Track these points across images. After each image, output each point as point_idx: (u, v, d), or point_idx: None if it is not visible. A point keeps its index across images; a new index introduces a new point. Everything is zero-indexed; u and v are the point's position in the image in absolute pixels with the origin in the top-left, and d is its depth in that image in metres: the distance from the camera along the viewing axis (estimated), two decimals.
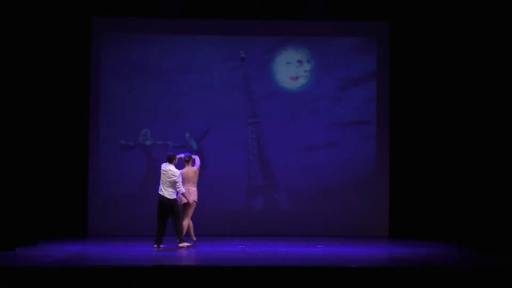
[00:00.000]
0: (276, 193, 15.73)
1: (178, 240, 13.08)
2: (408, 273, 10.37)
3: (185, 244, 13.10)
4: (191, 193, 13.31)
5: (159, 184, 13.04)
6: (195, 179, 13.44)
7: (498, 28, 13.82)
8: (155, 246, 13.05)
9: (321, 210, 15.52)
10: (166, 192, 12.99)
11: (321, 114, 15.69)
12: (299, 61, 15.84)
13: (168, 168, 13.02)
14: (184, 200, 13.24)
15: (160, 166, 13.10)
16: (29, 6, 13.92)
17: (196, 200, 13.40)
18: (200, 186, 14.26)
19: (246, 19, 15.64)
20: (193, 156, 13.55)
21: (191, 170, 13.39)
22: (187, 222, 13.32)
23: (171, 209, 12.99)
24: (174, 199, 13.01)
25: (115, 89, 15.50)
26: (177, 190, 13.02)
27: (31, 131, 13.99)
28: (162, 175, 13.05)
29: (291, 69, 15.81)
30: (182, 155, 13.44)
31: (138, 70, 15.54)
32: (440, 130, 15.38)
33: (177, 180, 12.96)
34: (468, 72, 14.41)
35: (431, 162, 15.44)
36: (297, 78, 15.82)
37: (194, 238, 13.55)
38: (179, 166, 13.26)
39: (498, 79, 13.83)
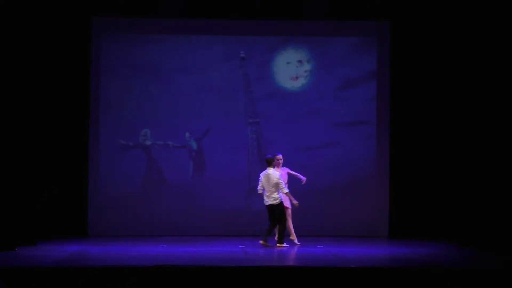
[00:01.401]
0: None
1: (277, 240, 13.41)
2: (408, 273, 10.37)
3: (284, 245, 13.39)
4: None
5: (263, 194, 13.28)
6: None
7: (498, 28, 13.81)
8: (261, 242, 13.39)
9: (321, 210, 15.50)
10: (271, 199, 13.19)
11: (321, 114, 15.69)
12: (299, 61, 15.83)
13: (269, 173, 13.20)
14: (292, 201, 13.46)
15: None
16: (29, 6, 13.92)
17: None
18: (200, 186, 14.30)
19: (246, 19, 15.64)
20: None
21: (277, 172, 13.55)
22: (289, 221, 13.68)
23: (278, 213, 13.21)
24: (280, 203, 13.21)
25: (115, 89, 15.50)
26: (281, 191, 13.18)
27: (31, 131, 13.98)
28: (264, 182, 13.22)
29: (291, 69, 15.80)
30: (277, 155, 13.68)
31: (138, 70, 15.54)
32: (440, 130, 15.38)
33: (279, 182, 13.10)
34: (468, 72, 14.40)
35: (431, 162, 15.43)
36: (297, 78, 15.81)
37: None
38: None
39: (498, 79, 13.82)
